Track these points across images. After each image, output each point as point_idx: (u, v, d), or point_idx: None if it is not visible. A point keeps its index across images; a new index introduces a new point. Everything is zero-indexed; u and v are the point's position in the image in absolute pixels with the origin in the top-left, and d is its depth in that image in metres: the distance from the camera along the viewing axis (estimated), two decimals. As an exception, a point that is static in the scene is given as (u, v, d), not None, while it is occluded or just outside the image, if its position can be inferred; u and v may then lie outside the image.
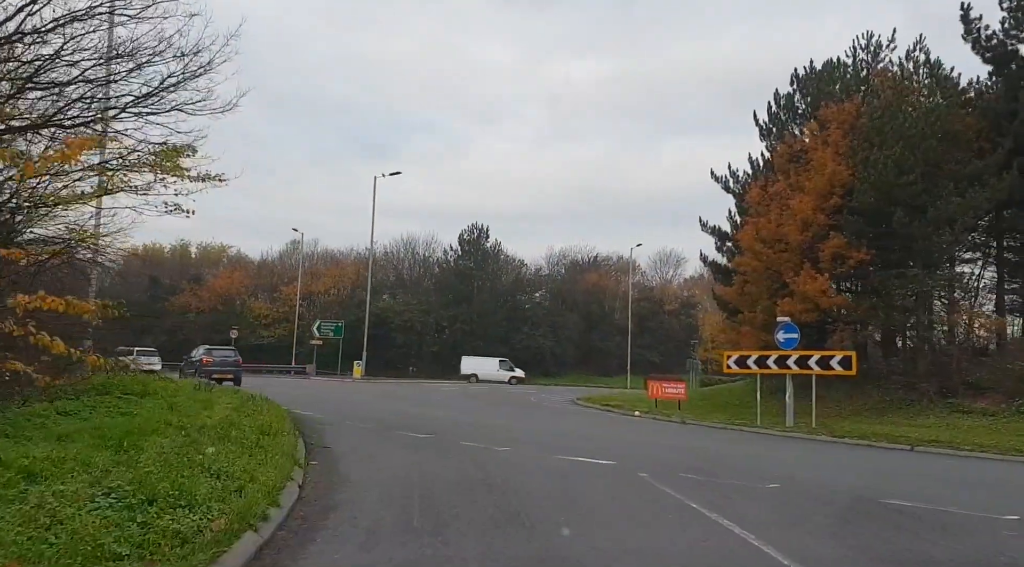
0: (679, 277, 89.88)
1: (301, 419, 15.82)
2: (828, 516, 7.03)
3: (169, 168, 12.14)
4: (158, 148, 11.97)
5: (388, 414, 18.66)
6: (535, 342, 69.25)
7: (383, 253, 78.63)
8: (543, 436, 14.63)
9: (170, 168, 12.19)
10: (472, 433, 14.27)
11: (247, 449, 8.24)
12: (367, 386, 40.02)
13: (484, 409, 23.93)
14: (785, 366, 23.04)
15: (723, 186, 33.85)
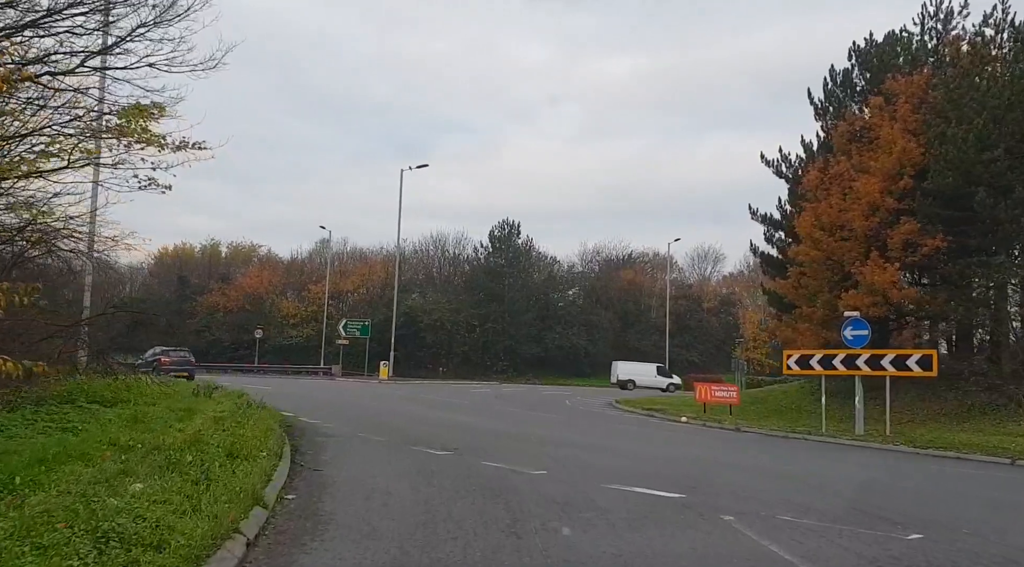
0: (718, 274, 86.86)
1: (304, 430, 13.69)
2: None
3: (136, 133, 10.07)
4: (122, 109, 9.90)
5: (407, 422, 16.47)
6: (568, 341, 66.81)
7: (412, 251, 76.88)
8: (585, 451, 12.29)
9: (137, 133, 10.11)
10: (500, 447, 12.00)
11: (189, 483, 6.05)
12: (392, 388, 37.96)
13: (515, 414, 21.64)
14: (854, 367, 20.45)
15: (774, 171, 31.15)
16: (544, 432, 15.58)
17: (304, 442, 11.75)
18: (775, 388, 34.07)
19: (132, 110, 9.96)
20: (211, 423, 10.40)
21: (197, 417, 11.32)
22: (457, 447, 11.62)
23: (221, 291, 74.43)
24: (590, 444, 13.67)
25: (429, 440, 12.57)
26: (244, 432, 9.61)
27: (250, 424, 10.64)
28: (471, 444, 12.18)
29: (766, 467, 11.20)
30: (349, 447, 11.35)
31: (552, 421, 19.70)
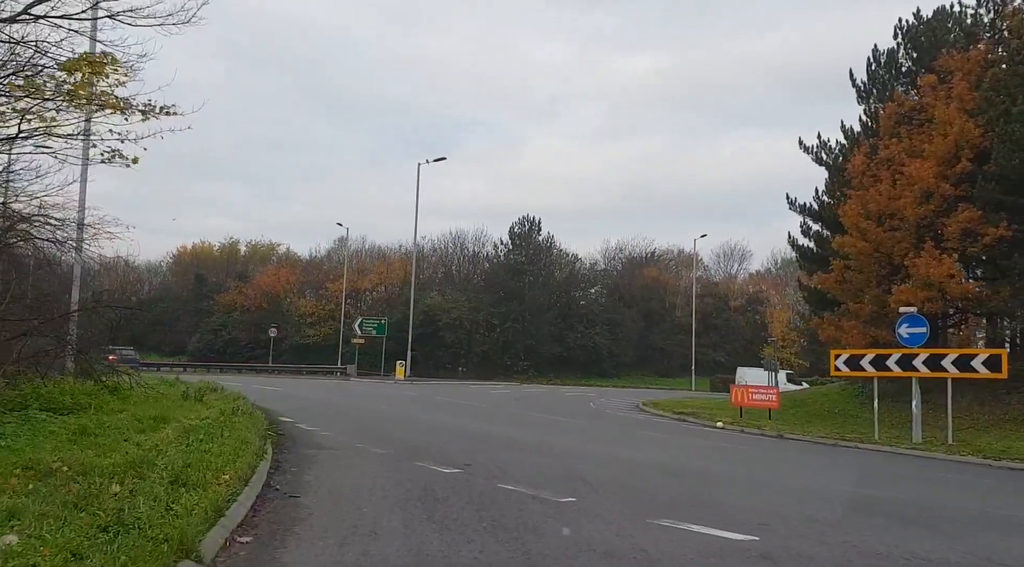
0: (744, 272, 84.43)
1: (297, 440, 12.06)
2: None
3: (86, 91, 8.45)
4: (68, 59, 8.28)
5: (416, 429, 14.77)
6: (591, 341, 64.87)
7: (431, 249, 75.38)
8: (618, 468, 10.52)
9: (89, 92, 8.49)
10: (519, 463, 10.26)
11: (95, 529, 4.38)
12: (408, 389, 36.31)
13: (536, 420, 19.87)
14: (911, 368, 18.50)
15: (814, 157, 29.14)
16: (568, 442, 13.81)
17: (291, 456, 10.09)
18: (814, 390, 32.00)
19: (80, 61, 8.38)
20: (178, 436, 8.78)
21: (167, 427, 9.72)
22: (469, 463, 9.89)
23: (238, 289, 73.53)
24: (623, 458, 11.88)
25: (437, 453, 10.86)
26: (212, 447, 7.97)
27: (226, 436, 9.01)
28: (485, 459, 10.44)
29: (840, 491, 9.33)
30: (342, 463, 9.66)
31: (576, 428, 17.90)
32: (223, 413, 11.72)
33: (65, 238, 15.50)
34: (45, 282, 17.49)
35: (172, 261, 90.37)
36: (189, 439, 8.49)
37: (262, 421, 11.71)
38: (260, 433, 10.20)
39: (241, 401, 16.03)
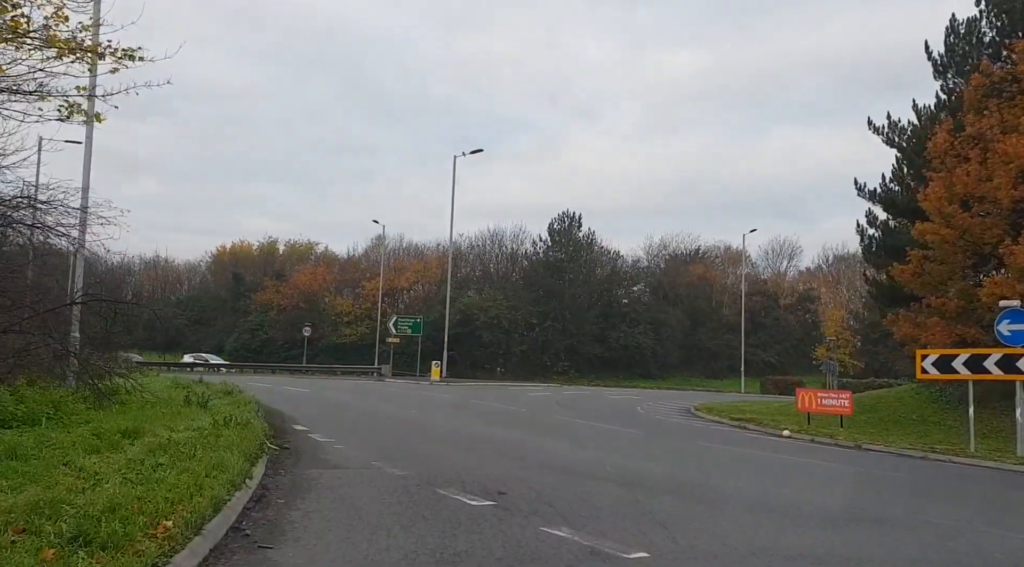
0: (794, 269, 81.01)
1: (302, 455, 10.20)
2: None
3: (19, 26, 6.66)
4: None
5: (444, 441, 12.79)
6: (634, 340, 62.42)
7: (468, 247, 73.62)
8: (697, 502, 8.41)
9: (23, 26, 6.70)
10: (566, 491, 8.22)
11: None
12: (442, 391, 34.44)
13: (581, 429, 17.77)
14: (1014, 370, 16.06)
15: (884, 139, 26.50)
16: (622, 458, 11.70)
17: (285, 480, 8.20)
18: (884, 393, 29.28)
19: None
20: (138, 457, 6.95)
21: (132, 445, 7.92)
22: (504, 491, 7.88)
23: (275, 288, 72.71)
24: (693, 482, 9.75)
25: (466, 475, 8.88)
26: (169, 475, 6.11)
27: (199, 457, 7.16)
28: (524, 484, 8.41)
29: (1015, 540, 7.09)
30: (346, 491, 7.72)
31: (628, 439, 15.73)
32: (215, 424, 9.91)
33: (55, 223, 13.92)
34: (45, 275, 15.97)
35: (211, 260, 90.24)
36: (147, 463, 6.65)
37: (259, 433, 9.83)
38: (250, 450, 8.32)
39: (247, 408, 14.29)
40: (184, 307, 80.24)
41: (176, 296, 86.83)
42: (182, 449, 7.62)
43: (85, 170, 17.46)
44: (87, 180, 17.07)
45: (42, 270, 16.81)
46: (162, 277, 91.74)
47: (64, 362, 13.14)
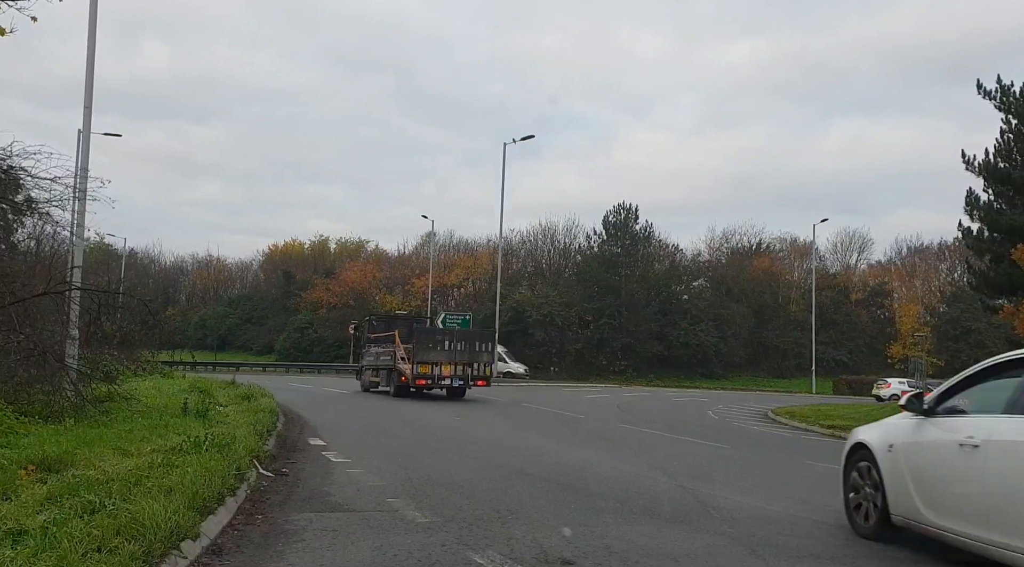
0: (864, 262, 76.36)
1: (298, 487, 7.79)
2: None
3: None
4: None
5: (490, 465, 10.22)
6: (696, 338, 59.12)
7: (520, 242, 71.29)
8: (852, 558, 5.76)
9: None
10: (661, 554, 5.60)
11: None
12: (491, 393, 32.01)
13: (653, 442, 15.03)
14: None
15: (996, 104, 23.11)
16: (723, 490, 8.99)
17: (257, 532, 5.76)
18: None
19: None
20: (14, 515, 4.60)
21: (46, 483, 5.62)
22: (571, 559, 5.30)
23: (324, 286, 71.65)
24: (839, 525, 7.02)
25: (515, 525, 6.33)
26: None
27: (110, 511, 4.76)
28: (600, 544, 5.80)
29: None
30: (336, 558, 5.24)
31: (714, 456, 12.89)
32: (182, 447, 7.55)
33: (38, 199, 11.93)
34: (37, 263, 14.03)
35: (263, 259, 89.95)
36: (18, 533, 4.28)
37: (240, 459, 7.43)
38: (209, 490, 5.90)
39: (259, 416, 11.99)
40: (235, 306, 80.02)
41: (228, 295, 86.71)
42: (100, 492, 5.26)
43: (84, 150, 15.52)
44: (86, 160, 15.13)
45: (36, 259, 14.93)
46: (215, 276, 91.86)
47: (39, 363, 11.02)
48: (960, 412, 5.97)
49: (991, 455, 5.16)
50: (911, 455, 6.09)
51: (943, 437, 5.77)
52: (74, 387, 11.33)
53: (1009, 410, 5.29)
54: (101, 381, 12.28)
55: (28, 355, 10.69)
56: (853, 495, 6.75)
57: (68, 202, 13.57)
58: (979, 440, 5.28)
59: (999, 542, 4.92)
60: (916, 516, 5.90)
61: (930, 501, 5.74)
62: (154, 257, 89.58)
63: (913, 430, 6.19)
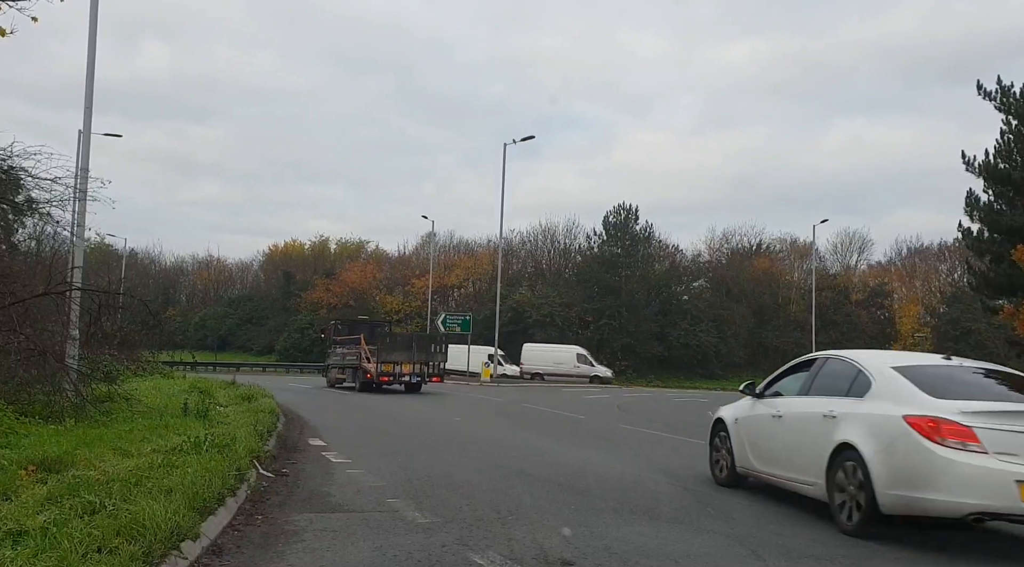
0: (864, 263, 76.29)
1: (298, 488, 7.79)
2: None
3: None
4: None
5: (492, 465, 10.22)
6: (696, 339, 59.12)
7: (520, 242, 71.32)
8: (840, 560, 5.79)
9: None
10: (660, 554, 5.61)
11: None
12: (493, 393, 32.03)
13: (655, 441, 15.08)
14: None
15: (996, 105, 23.12)
16: (721, 492, 9.01)
17: (258, 532, 5.76)
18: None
19: None
20: (15, 514, 4.60)
21: (47, 483, 5.62)
22: (571, 559, 5.30)
23: (325, 286, 71.63)
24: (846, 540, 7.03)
25: (515, 525, 6.33)
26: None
27: (111, 512, 4.76)
28: (600, 545, 5.79)
29: None
30: (336, 557, 5.24)
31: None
32: (179, 447, 7.56)
33: (38, 199, 11.94)
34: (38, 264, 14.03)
35: (263, 260, 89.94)
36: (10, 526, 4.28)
37: (240, 459, 7.44)
38: (209, 491, 5.91)
39: (260, 417, 12.00)
40: (235, 306, 80.00)
41: (228, 295, 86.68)
42: (100, 492, 5.26)
43: (84, 150, 15.53)
44: (86, 161, 15.14)
45: (36, 259, 14.94)
46: (215, 277, 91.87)
47: (39, 364, 11.03)
48: (777, 394, 8.44)
49: (786, 422, 7.88)
50: (747, 425, 8.69)
51: (764, 412, 8.33)
52: (74, 387, 11.34)
53: (801, 393, 7.95)
54: (101, 381, 12.30)
55: (28, 355, 10.69)
56: (714, 454, 9.36)
57: (68, 202, 13.60)
58: (782, 413, 7.98)
59: (791, 477, 7.66)
60: (750, 466, 8.47)
61: (757, 455, 8.33)
62: (154, 257, 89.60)
63: (749, 408, 8.77)
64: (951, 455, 6.05)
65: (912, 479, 6.19)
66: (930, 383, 6.77)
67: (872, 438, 6.58)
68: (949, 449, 6.08)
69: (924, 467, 6.15)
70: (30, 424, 8.77)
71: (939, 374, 7.14)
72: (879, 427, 6.60)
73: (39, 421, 9.20)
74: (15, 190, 12.95)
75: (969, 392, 6.77)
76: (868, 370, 7.23)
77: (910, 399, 6.57)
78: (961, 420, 6.15)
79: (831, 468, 6.90)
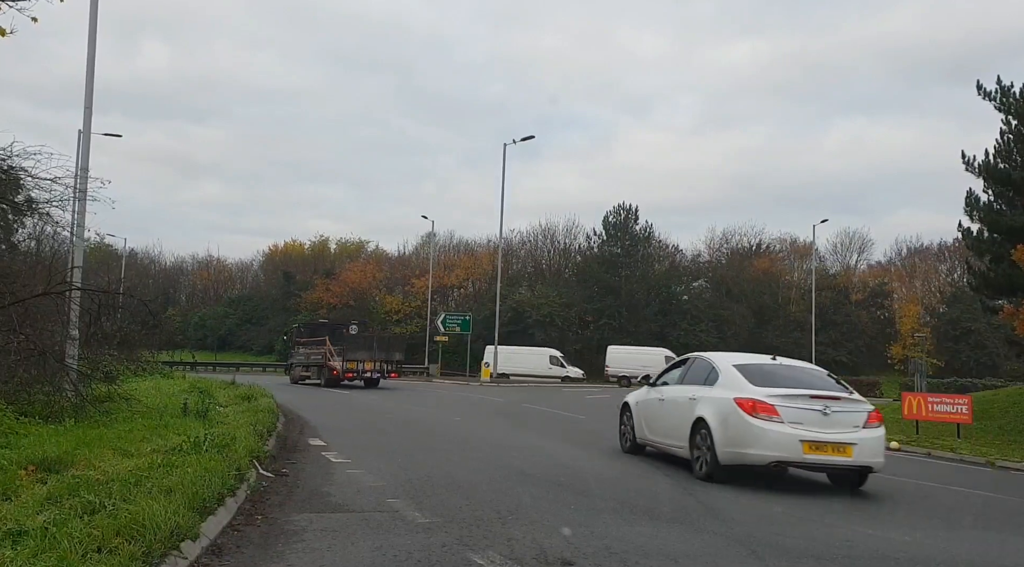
0: (864, 263, 76.31)
1: (298, 488, 7.79)
2: None
3: None
4: None
5: (492, 466, 10.20)
6: (696, 338, 59.02)
7: (520, 242, 71.30)
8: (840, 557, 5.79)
9: None
10: (657, 553, 5.61)
11: None
12: (493, 393, 32.03)
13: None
14: None
15: (996, 105, 23.08)
16: (721, 492, 9.00)
17: (257, 532, 5.75)
18: (990, 395, 25.72)
19: None
20: (14, 514, 4.60)
21: (47, 483, 5.62)
22: (571, 559, 5.30)
23: (325, 286, 71.63)
24: (837, 537, 7.01)
25: (515, 525, 6.33)
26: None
27: (111, 511, 4.76)
28: (600, 545, 5.79)
29: None
30: (336, 557, 5.24)
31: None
32: (182, 447, 7.56)
33: (38, 199, 11.94)
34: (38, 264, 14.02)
35: (263, 260, 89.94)
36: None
37: (240, 459, 7.44)
38: (209, 491, 5.91)
39: (260, 417, 12.00)
40: (235, 306, 80.00)
41: (228, 295, 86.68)
42: (100, 492, 5.26)
43: (84, 150, 15.53)
44: (86, 160, 15.14)
45: (36, 259, 14.93)
46: (215, 277, 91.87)
47: (39, 364, 11.03)
48: (664, 383, 11.24)
49: (667, 404, 10.70)
50: (643, 407, 11.56)
51: (654, 396, 11.24)
52: (74, 387, 11.35)
53: (677, 383, 10.77)
54: (101, 381, 12.31)
55: (28, 355, 10.69)
56: (622, 428, 12.40)
57: (68, 202, 13.61)
58: (664, 397, 10.85)
59: (670, 444, 10.47)
60: (646, 437, 11.43)
61: (650, 429, 11.22)
62: (154, 257, 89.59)
63: (645, 394, 11.67)
64: (761, 424, 8.88)
65: (738, 441, 9.02)
66: (755, 376, 9.52)
67: (716, 414, 9.32)
68: (760, 420, 8.91)
69: (745, 432, 8.96)
70: (30, 424, 8.78)
71: (763, 369, 9.90)
72: (719, 406, 9.34)
73: (39, 421, 9.21)
74: (15, 190, 12.95)
75: (778, 382, 9.40)
76: (718, 367, 10.01)
77: (740, 387, 9.33)
78: (768, 401, 8.99)
79: (692, 435, 9.66)
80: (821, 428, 8.87)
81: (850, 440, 8.89)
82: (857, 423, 9.14)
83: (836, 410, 9.02)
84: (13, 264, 12.69)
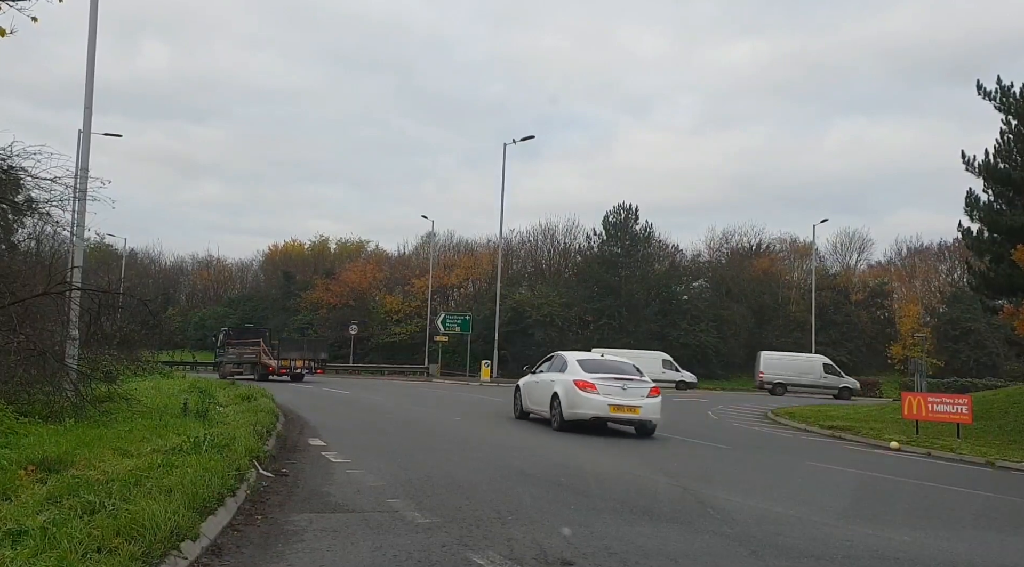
0: (864, 263, 76.31)
1: (297, 488, 7.78)
2: None
3: None
4: None
5: (492, 465, 10.19)
6: (696, 338, 59.08)
7: (520, 242, 71.23)
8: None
9: None
10: (663, 556, 5.61)
11: None
12: (493, 393, 32.01)
13: (653, 440, 15.07)
14: None
15: (996, 105, 23.09)
16: (719, 492, 8.99)
17: (257, 532, 5.75)
18: (990, 395, 25.73)
19: None
20: (13, 515, 4.60)
21: (47, 483, 5.62)
22: (571, 559, 5.30)
23: (324, 286, 71.53)
24: (838, 537, 7.02)
25: (515, 525, 6.32)
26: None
27: (110, 511, 4.76)
28: (600, 545, 5.79)
29: None
30: (335, 557, 5.24)
31: (711, 456, 12.94)
32: (181, 447, 7.56)
33: (38, 199, 11.94)
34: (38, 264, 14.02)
35: (263, 260, 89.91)
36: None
37: (240, 459, 7.44)
38: (208, 491, 5.91)
39: (260, 417, 12.00)
40: (235, 306, 79.97)
41: (228, 295, 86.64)
42: (100, 492, 5.27)
43: (84, 150, 15.53)
44: (86, 160, 15.14)
45: (36, 259, 14.93)
46: (215, 277, 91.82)
47: (39, 364, 11.03)
48: (541, 371, 16.79)
49: (540, 385, 16.31)
50: (527, 387, 17.27)
51: (534, 380, 16.89)
52: (74, 387, 11.34)
53: (546, 371, 16.40)
54: (101, 381, 12.30)
55: (28, 355, 10.69)
56: (515, 402, 17.93)
57: (68, 202, 13.61)
58: (538, 380, 16.55)
59: (541, 411, 15.95)
60: (528, 407, 16.99)
61: (531, 401, 16.86)
62: (154, 257, 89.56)
63: (529, 378, 17.33)
64: (587, 395, 14.42)
65: (574, 405, 14.57)
66: (587, 366, 15.24)
67: (563, 390, 14.83)
68: (586, 393, 14.44)
69: (578, 401, 14.50)
70: (30, 424, 8.78)
71: (593, 362, 15.78)
72: (565, 385, 14.81)
73: (39, 421, 9.21)
74: (15, 190, 12.95)
75: (600, 369, 15.09)
76: (568, 361, 15.70)
77: (577, 373, 14.88)
78: (591, 381, 14.51)
79: (551, 404, 15.21)
80: (621, 397, 14.34)
81: (638, 404, 14.37)
82: (644, 394, 14.53)
83: (631, 387, 14.50)
84: (13, 264, 12.67)
